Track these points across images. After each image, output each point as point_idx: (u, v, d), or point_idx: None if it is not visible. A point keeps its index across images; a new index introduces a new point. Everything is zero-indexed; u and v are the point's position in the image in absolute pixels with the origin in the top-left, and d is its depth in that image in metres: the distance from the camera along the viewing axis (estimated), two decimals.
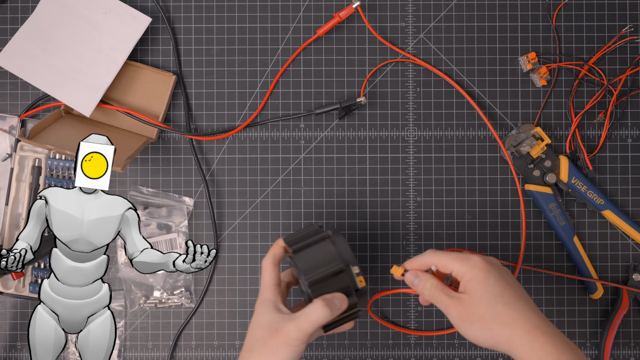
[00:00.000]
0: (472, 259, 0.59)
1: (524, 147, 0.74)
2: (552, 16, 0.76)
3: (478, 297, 0.57)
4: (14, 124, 0.75)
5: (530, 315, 0.57)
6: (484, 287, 0.57)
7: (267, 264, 0.62)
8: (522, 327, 0.56)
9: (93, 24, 0.73)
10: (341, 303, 0.58)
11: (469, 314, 0.57)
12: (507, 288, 0.58)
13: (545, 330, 0.56)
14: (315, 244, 0.60)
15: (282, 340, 0.57)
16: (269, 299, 0.60)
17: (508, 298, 0.57)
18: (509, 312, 0.57)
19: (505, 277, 0.59)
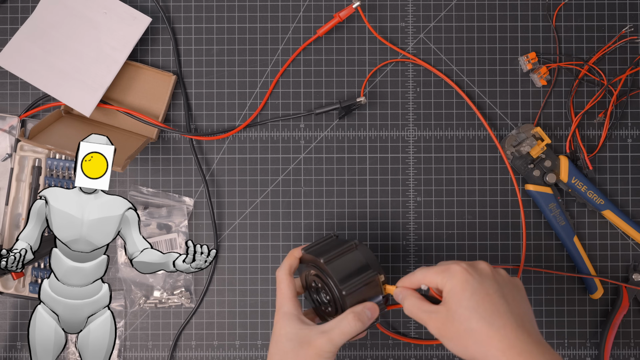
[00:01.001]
0: (451, 269, 0.57)
1: (524, 147, 0.74)
2: (552, 16, 0.76)
3: (453, 311, 0.55)
4: (14, 124, 0.75)
5: (506, 332, 0.53)
6: (459, 301, 0.55)
7: (284, 276, 0.62)
8: (496, 346, 0.53)
9: (93, 24, 0.73)
10: (372, 313, 0.59)
11: (446, 329, 0.56)
12: (484, 300, 0.55)
13: (522, 349, 0.52)
14: (345, 253, 0.61)
15: (314, 352, 0.57)
16: (290, 311, 0.60)
17: (484, 312, 0.54)
18: (483, 329, 0.54)
19: (486, 287, 0.56)
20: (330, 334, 0.57)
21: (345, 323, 0.57)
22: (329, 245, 0.63)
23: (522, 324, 0.54)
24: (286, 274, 0.63)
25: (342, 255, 0.61)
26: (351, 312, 0.58)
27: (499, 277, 0.58)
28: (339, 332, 0.57)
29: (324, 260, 0.60)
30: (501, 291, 0.56)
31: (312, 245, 0.64)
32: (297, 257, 0.64)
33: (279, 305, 0.62)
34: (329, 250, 0.61)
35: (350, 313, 0.58)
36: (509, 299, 0.56)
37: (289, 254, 0.64)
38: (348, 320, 0.58)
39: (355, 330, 0.57)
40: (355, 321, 0.57)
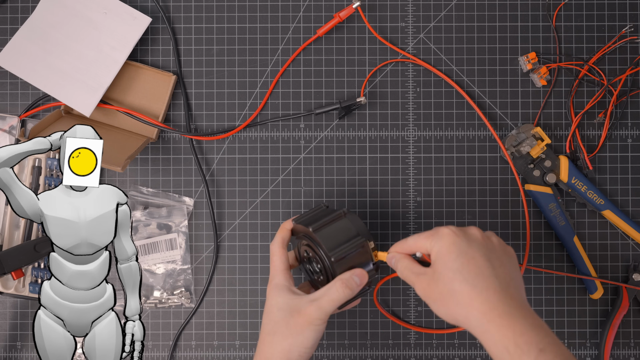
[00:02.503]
0: (439, 232, 0.57)
1: (524, 147, 0.74)
2: (552, 16, 0.76)
3: (438, 273, 0.55)
4: (14, 124, 0.75)
5: (489, 295, 0.53)
6: (444, 263, 0.55)
7: (277, 248, 0.63)
8: (478, 308, 0.53)
9: (93, 24, 0.73)
10: (361, 280, 0.59)
11: (430, 290, 0.56)
12: (469, 263, 0.54)
13: (503, 311, 0.52)
14: (333, 222, 0.62)
15: (305, 320, 0.58)
16: (282, 283, 0.61)
17: (467, 274, 0.54)
18: (465, 291, 0.53)
19: (472, 250, 0.55)
20: (319, 301, 0.58)
21: (334, 290, 0.58)
22: (319, 215, 0.63)
23: (506, 288, 0.54)
24: (279, 246, 0.63)
25: (331, 223, 0.61)
26: (339, 279, 0.59)
27: (488, 242, 0.57)
28: (328, 299, 0.58)
29: (312, 229, 0.60)
30: (488, 255, 0.56)
31: (302, 216, 0.64)
32: (289, 229, 0.64)
33: (271, 277, 0.62)
34: (318, 219, 0.62)
35: (338, 280, 0.58)
36: (496, 264, 0.55)
37: (280, 226, 0.65)
38: (336, 287, 0.58)
39: (343, 296, 0.58)
40: (343, 288, 0.58)
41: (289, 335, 0.58)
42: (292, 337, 0.58)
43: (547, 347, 0.50)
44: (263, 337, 0.60)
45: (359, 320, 0.76)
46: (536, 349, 0.50)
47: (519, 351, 0.50)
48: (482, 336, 0.53)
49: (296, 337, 0.58)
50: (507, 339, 0.51)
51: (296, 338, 0.58)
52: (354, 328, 0.76)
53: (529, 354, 0.50)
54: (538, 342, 0.50)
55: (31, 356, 0.76)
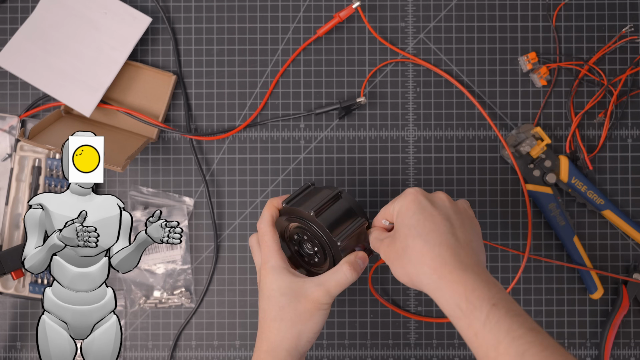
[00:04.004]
0: (404, 192, 0.56)
1: (524, 147, 0.74)
2: (552, 16, 0.76)
3: (397, 231, 0.54)
4: (14, 124, 0.75)
5: (441, 250, 0.51)
6: (402, 220, 0.54)
7: (267, 228, 0.60)
8: (429, 264, 0.51)
9: (93, 24, 0.73)
10: (364, 262, 0.59)
11: (389, 251, 0.55)
12: (425, 219, 0.53)
13: (454, 267, 0.50)
14: (332, 203, 0.60)
15: (313, 305, 0.57)
16: (278, 264, 0.59)
17: (422, 230, 0.52)
18: (417, 246, 0.52)
19: (432, 209, 0.53)
20: (326, 285, 0.57)
21: (341, 274, 0.57)
22: (312, 196, 0.61)
23: (461, 247, 0.52)
24: (269, 225, 0.60)
25: (330, 206, 0.60)
26: (346, 263, 0.57)
27: (453, 205, 0.55)
28: (336, 283, 0.57)
29: (314, 213, 0.58)
30: (449, 215, 0.54)
31: (293, 197, 0.62)
32: (278, 207, 0.62)
33: (265, 258, 0.59)
34: (315, 201, 0.60)
35: (345, 263, 0.57)
36: (456, 224, 0.54)
37: (267, 204, 0.62)
38: (344, 271, 0.57)
39: (351, 280, 0.57)
40: (351, 271, 0.57)
41: (297, 321, 0.57)
42: (301, 323, 0.57)
43: (499, 303, 0.48)
44: (268, 323, 0.58)
45: (359, 320, 0.76)
46: (488, 304, 0.48)
47: (471, 307, 0.48)
48: (434, 294, 0.51)
49: (306, 323, 0.57)
50: (459, 295, 0.49)
51: (306, 324, 0.57)
52: (354, 328, 0.76)
53: (480, 309, 0.48)
54: (490, 297, 0.49)
55: (31, 356, 0.76)
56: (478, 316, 0.48)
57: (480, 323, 0.48)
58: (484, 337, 0.48)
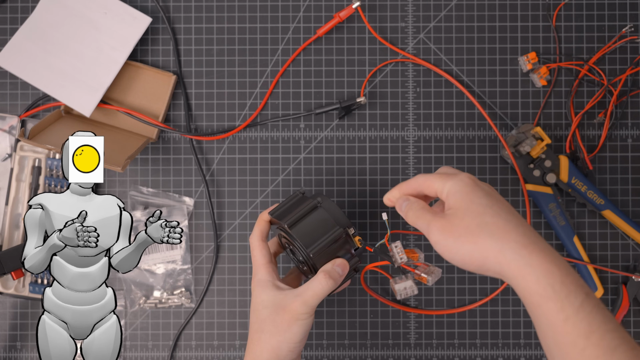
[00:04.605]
0: (458, 174, 0.53)
1: (524, 147, 0.74)
2: (552, 16, 0.76)
3: (464, 208, 0.51)
4: (14, 124, 0.75)
5: (525, 230, 0.49)
6: (470, 199, 0.51)
7: (256, 242, 0.62)
8: (516, 240, 0.48)
9: (93, 24, 0.73)
10: (343, 270, 0.59)
11: (452, 227, 0.51)
12: (496, 202, 0.51)
13: (544, 247, 0.48)
14: (308, 214, 0.61)
15: (291, 316, 0.58)
16: (264, 278, 0.60)
17: (499, 210, 0.50)
18: (499, 223, 0.49)
19: (495, 194, 0.52)
20: (303, 296, 0.58)
21: (317, 283, 0.58)
22: (294, 206, 0.62)
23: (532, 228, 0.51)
24: (258, 239, 0.62)
25: (306, 216, 0.60)
26: (321, 272, 0.58)
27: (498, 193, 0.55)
28: (312, 293, 0.58)
29: (287, 225, 0.59)
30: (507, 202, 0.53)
31: (278, 208, 0.63)
32: (267, 220, 0.63)
33: (253, 272, 0.62)
34: (293, 212, 0.61)
35: (320, 272, 0.58)
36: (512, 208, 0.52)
37: (258, 218, 0.63)
38: (319, 280, 0.58)
39: (327, 288, 0.58)
40: (327, 279, 0.58)
41: (276, 332, 0.58)
42: (279, 334, 0.58)
43: (590, 293, 0.47)
44: (251, 335, 0.60)
45: (359, 320, 0.76)
46: (583, 292, 0.46)
47: (566, 290, 0.46)
48: (519, 271, 0.47)
49: (283, 334, 0.58)
50: (553, 275, 0.46)
51: (284, 335, 0.58)
52: (354, 328, 0.76)
53: (576, 295, 0.46)
54: (582, 285, 0.47)
55: (31, 356, 0.76)
56: (572, 301, 0.45)
57: (574, 309, 0.45)
58: (575, 324, 0.45)
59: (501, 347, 0.75)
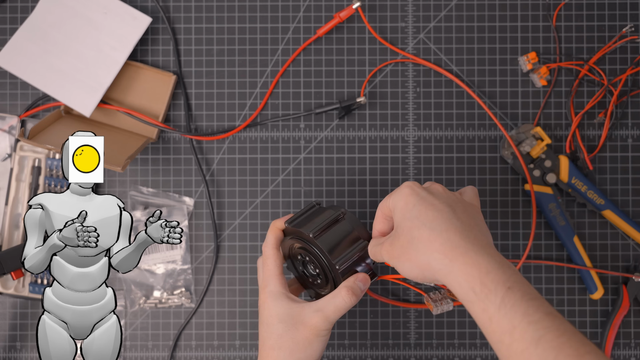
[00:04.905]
0: (400, 186, 0.54)
1: (524, 147, 0.74)
2: (552, 16, 0.76)
3: (400, 226, 0.52)
4: (14, 124, 0.75)
5: (449, 235, 0.49)
6: (403, 215, 0.52)
7: (271, 251, 0.59)
8: (438, 249, 0.48)
9: (93, 24, 0.73)
10: (364, 285, 0.57)
11: (393, 249, 0.52)
12: (427, 209, 0.51)
13: (466, 249, 0.48)
14: (332, 225, 0.59)
15: (311, 333, 0.55)
16: (277, 290, 0.58)
17: (425, 219, 0.50)
18: (424, 235, 0.49)
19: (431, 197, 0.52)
20: (325, 311, 0.56)
21: (340, 299, 0.56)
22: (314, 216, 0.60)
23: (468, 229, 0.50)
24: (273, 248, 0.59)
25: (331, 227, 0.59)
26: (344, 287, 0.56)
27: (451, 194, 0.54)
28: (334, 308, 0.56)
29: (313, 235, 0.57)
30: (449, 202, 0.52)
31: (295, 217, 0.61)
32: (281, 228, 0.61)
33: (264, 283, 0.58)
34: (316, 223, 0.59)
35: (344, 288, 0.56)
36: (458, 209, 0.52)
37: (271, 226, 0.61)
38: (342, 296, 0.56)
39: (350, 304, 0.56)
40: (350, 296, 0.56)
41: (296, 349, 0.55)
42: (299, 352, 0.55)
43: (514, 285, 0.46)
44: (267, 352, 0.57)
45: (359, 320, 0.76)
46: (503, 288, 0.46)
47: (486, 290, 0.46)
48: (447, 279, 0.48)
49: (304, 351, 0.55)
50: (473, 278, 0.47)
51: (304, 352, 0.55)
52: (354, 328, 0.76)
53: (495, 293, 0.46)
54: (505, 280, 0.46)
55: (31, 356, 0.76)
56: (493, 300, 0.46)
57: (495, 307, 0.46)
58: (498, 322, 0.46)
59: None
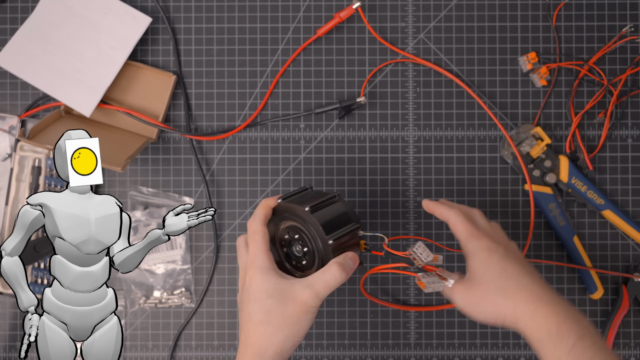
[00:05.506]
0: (481, 239, 0.60)
1: (524, 147, 0.74)
2: (552, 16, 0.76)
3: (481, 275, 0.58)
4: (14, 124, 0.75)
5: (533, 288, 0.57)
6: (486, 266, 0.58)
7: (260, 227, 0.59)
8: (525, 298, 0.56)
9: (93, 24, 0.73)
10: (354, 263, 0.58)
11: (472, 293, 0.58)
12: (510, 264, 0.58)
13: (548, 300, 0.56)
14: (328, 204, 0.59)
15: (301, 309, 0.55)
16: (267, 265, 0.57)
17: (511, 273, 0.58)
18: (511, 286, 0.57)
19: (509, 253, 0.60)
20: (314, 287, 0.55)
21: (330, 275, 0.56)
22: (309, 196, 0.61)
23: (541, 281, 0.58)
24: (261, 224, 0.59)
25: (326, 206, 0.59)
26: (335, 263, 0.56)
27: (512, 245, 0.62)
28: (324, 284, 0.55)
29: (309, 209, 0.57)
30: (520, 256, 0.61)
31: (289, 195, 0.61)
32: (272, 206, 0.60)
33: (252, 258, 0.58)
34: (311, 201, 0.59)
35: (335, 263, 0.56)
36: (526, 264, 0.60)
37: (261, 203, 0.60)
38: (332, 271, 0.56)
39: (340, 281, 0.56)
40: (340, 271, 0.56)
41: (284, 326, 0.55)
42: (288, 328, 0.55)
43: (586, 335, 0.54)
44: (252, 327, 0.56)
45: (359, 320, 0.76)
46: (576, 335, 0.54)
47: (560, 335, 0.54)
48: (528, 323, 0.55)
49: (292, 327, 0.55)
50: (551, 323, 0.55)
51: (292, 328, 0.55)
52: (354, 328, 0.76)
53: (569, 338, 0.54)
54: (579, 330, 0.54)
55: (31, 356, 0.76)
56: (565, 343, 0.54)
57: (566, 350, 0.53)
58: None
59: (501, 347, 0.75)
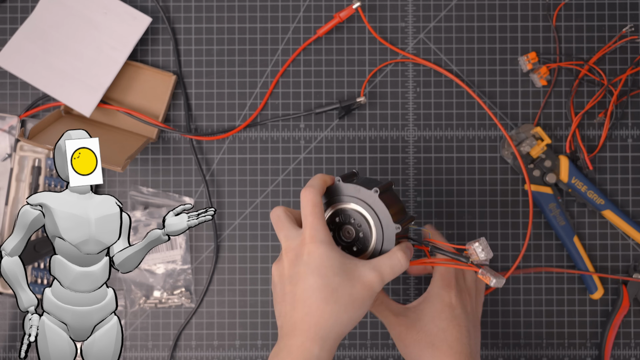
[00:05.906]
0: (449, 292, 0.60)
1: (524, 147, 0.74)
2: (552, 16, 0.76)
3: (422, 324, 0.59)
4: (14, 124, 0.75)
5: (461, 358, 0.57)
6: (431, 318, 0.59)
7: (317, 198, 0.53)
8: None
9: (93, 24, 0.73)
10: (411, 253, 0.55)
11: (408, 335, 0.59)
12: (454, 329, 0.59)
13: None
14: (388, 189, 0.57)
15: (366, 292, 0.51)
16: (330, 240, 0.52)
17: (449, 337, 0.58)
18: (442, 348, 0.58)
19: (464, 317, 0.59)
20: (381, 270, 0.51)
21: (396, 260, 0.52)
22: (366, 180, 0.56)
23: (474, 355, 0.59)
24: (318, 195, 0.53)
25: (388, 190, 0.55)
26: (400, 250, 0.53)
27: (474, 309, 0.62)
28: (390, 269, 0.52)
29: (380, 191, 0.53)
30: (469, 325, 0.60)
31: (348, 176, 0.57)
32: (328, 184, 0.55)
33: (312, 231, 0.52)
34: (374, 184, 0.55)
35: (399, 250, 0.52)
36: (471, 332, 0.60)
37: (316, 176, 0.55)
38: (398, 258, 0.52)
39: (403, 268, 0.52)
40: (405, 259, 0.52)
41: (350, 307, 0.50)
42: (353, 310, 0.51)
43: None
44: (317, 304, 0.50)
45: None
46: None
47: None
48: None
49: (357, 310, 0.51)
50: None
51: (356, 311, 0.51)
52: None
53: None
54: None
55: (31, 356, 0.76)
56: None
57: None
58: None
59: (501, 347, 0.75)
